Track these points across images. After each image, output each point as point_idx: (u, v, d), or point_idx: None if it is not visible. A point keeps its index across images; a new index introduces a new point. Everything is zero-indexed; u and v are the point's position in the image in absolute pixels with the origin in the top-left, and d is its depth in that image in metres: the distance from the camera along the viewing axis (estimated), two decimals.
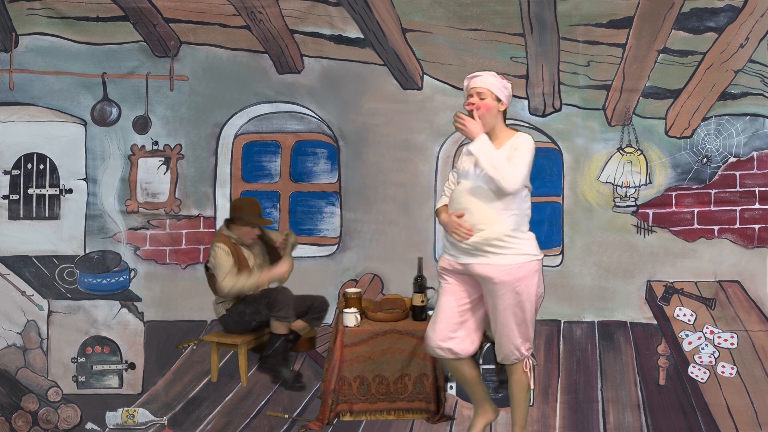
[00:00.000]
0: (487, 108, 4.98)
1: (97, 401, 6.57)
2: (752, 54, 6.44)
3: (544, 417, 6.36)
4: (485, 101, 4.98)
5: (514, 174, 4.84)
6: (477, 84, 5.01)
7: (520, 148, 4.91)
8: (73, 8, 6.59)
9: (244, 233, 6.29)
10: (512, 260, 4.94)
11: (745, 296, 6.51)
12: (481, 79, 5.01)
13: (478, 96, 4.99)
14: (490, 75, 5.04)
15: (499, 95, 5.01)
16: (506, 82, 5.06)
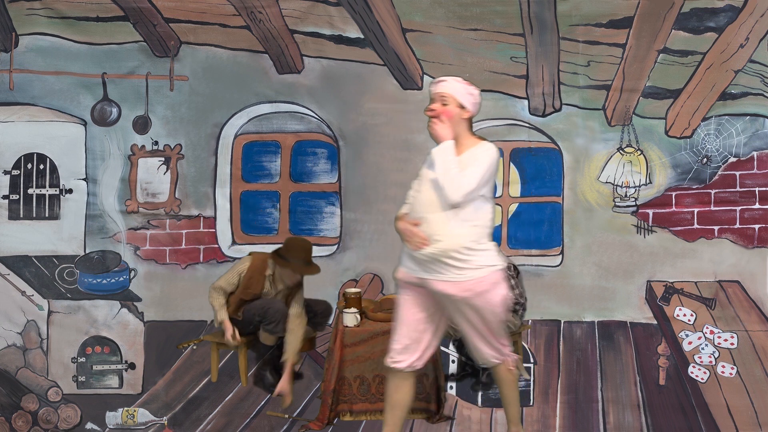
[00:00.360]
0: (449, 115, 4.76)
1: (97, 401, 6.57)
2: (752, 54, 6.44)
3: (544, 417, 6.36)
4: (447, 107, 4.76)
5: (461, 185, 4.63)
6: (440, 89, 4.79)
7: (478, 159, 4.69)
8: (73, 8, 6.59)
9: (285, 274, 6.12)
10: (471, 275, 4.71)
11: (745, 296, 6.50)
12: (446, 85, 4.79)
13: (441, 101, 4.77)
14: (455, 81, 4.82)
15: (463, 102, 4.78)
16: (472, 89, 4.84)
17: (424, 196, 4.78)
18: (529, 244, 6.71)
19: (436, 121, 4.77)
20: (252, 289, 6.16)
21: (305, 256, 6.10)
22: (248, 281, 6.14)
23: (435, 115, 4.77)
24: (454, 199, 4.64)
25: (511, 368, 5.06)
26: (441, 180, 4.67)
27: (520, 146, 6.72)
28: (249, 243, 6.77)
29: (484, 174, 4.71)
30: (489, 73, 6.61)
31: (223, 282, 6.16)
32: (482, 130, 6.68)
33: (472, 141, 4.81)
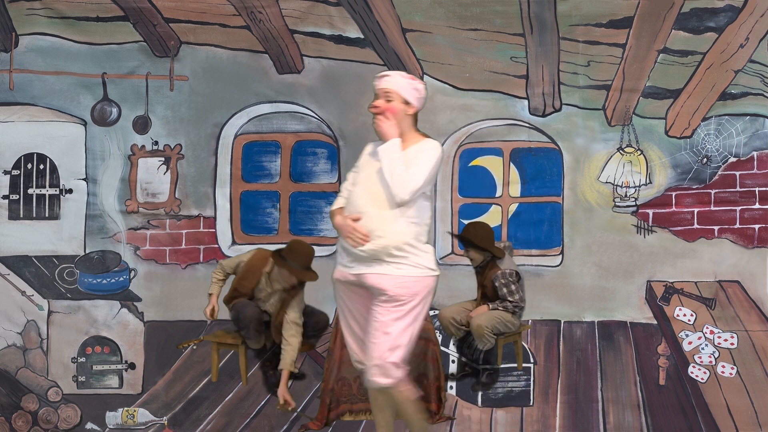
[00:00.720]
0: (393, 111, 4.59)
1: (97, 401, 6.57)
2: (752, 54, 6.44)
3: (544, 417, 6.36)
4: (391, 104, 4.59)
5: (408, 182, 4.46)
6: (384, 85, 4.61)
7: (421, 156, 4.56)
8: (73, 8, 6.59)
9: (282, 275, 6.11)
10: (410, 272, 4.52)
11: (745, 296, 6.50)
12: (390, 80, 4.63)
13: (385, 97, 4.59)
14: (399, 75, 4.69)
15: (408, 97, 4.62)
16: (417, 84, 4.68)
17: (365, 191, 4.59)
18: (529, 244, 6.71)
19: (381, 118, 4.59)
20: (247, 281, 6.16)
21: (305, 260, 6.07)
22: (245, 272, 6.16)
23: (379, 111, 4.60)
24: (402, 197, 4.47)
25: (404, 390, 4.61)
26: (387, 177, 4.49)
27: (520, 146, 6.72)
28: (249, 243, 6.76)
29: (431, 171, 4.56)
30: (489, 73, 6.61)
31: (226, 262, 6.26)
32: (482, 130, 6.70)
33: (417, 137, 4.68)
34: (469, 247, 6.16)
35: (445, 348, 6.41)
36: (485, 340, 6.03)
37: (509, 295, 6.09)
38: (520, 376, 6.46)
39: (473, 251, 6.16)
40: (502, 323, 6.09)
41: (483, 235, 6.16)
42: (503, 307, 6.08)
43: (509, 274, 6.12)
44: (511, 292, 6.09)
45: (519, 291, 6.14)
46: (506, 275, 6.10)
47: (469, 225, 6.30)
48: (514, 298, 6.11)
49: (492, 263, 6.16)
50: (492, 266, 6.15)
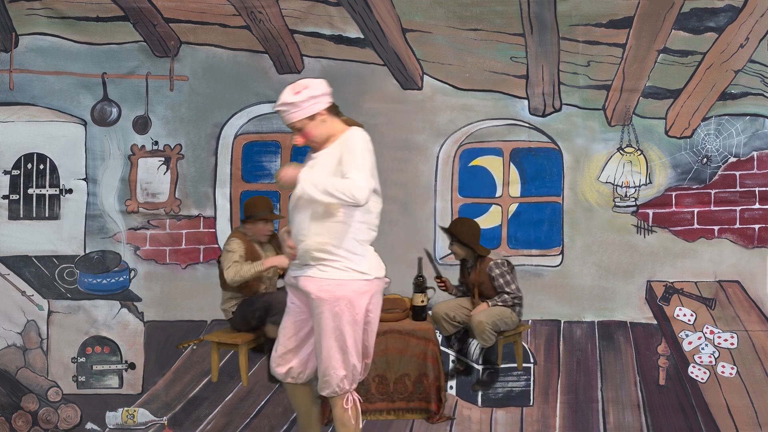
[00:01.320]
0: (311, 134, 4.52)
1: (97, 401, 6.57)
2: (752, 54, 6.44)
3: (544, 417, 6.36)
4: (305, 130, 4.52)
5: (355, 184, 4.34)
6: (288, 121, 4.52)
7: (351, 149, 4.44)
8: (73, 8, 6.59)
9: (258, 230, 6.32)
10: (332, 275, 4.47)
11: (745, 296, 6.50)
12: (287, 116, 4.50)
13: (297, 130, 4.53)
14: (288, 104, 4.48)
15: (311, 111, 4.49)
16: (306, 90, 4.49)
17: (292, 201, 4.58)
18: (529, 244, 6.71)
19: (311, 143, 4.55)
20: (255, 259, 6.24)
21: (264, 206, 6.30)
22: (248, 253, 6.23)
23: (302, 144, 4.56)
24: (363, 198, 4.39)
25: (347, 407, 4.57)
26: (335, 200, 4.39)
27: (520, 146, 6.72)
28: None
29: (369, 160, 4.46)
30: (489, 73, 6.61)
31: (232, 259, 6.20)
32: (482, 130, 6.70)
33: (340, 129, 4.57)
34: (454, 241, 6.20)
35: (446, 348, 6.41)
36: (486, 336, 6.03)
37: (506, 285, 6.09)
38: (520, 376, 6.46)
39: (456, 246, 6.22)
40: (502, 320, 6.10)
41: (468, 231, 6.20)
42: (502, 301, 6.09)
43: (502, 263, 6.15)
44: (508, 282, 6.12)
45: (514, 281, 6.18)
46: (500, 264, 6.13)
47: (456, 220, 6.36)
48: (511, 288, 6.13)
49: (481, 259, 6.18)
50: (482, 261, 6.16)
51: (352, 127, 4.58)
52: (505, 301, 6.11)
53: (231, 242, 6.29)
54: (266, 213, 6.34)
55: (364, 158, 4.44)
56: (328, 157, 4.53)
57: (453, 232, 6.24)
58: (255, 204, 6.37)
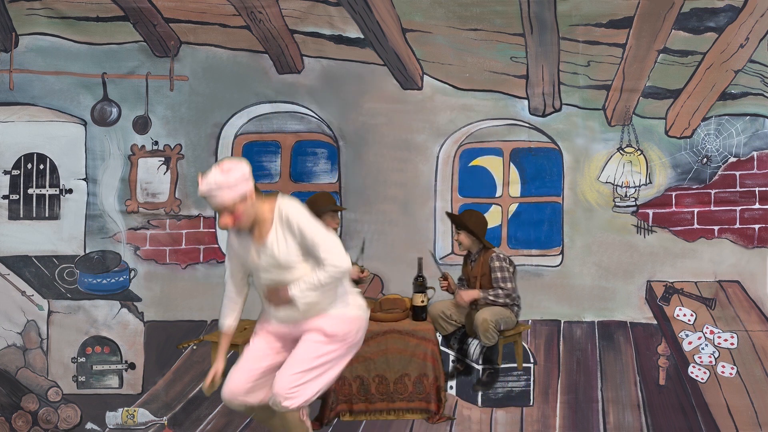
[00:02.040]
0: (241, 216, 4.45)
1: (97, 401, 6.57)
2: (752, 54, 6.44)
3: (544, 417, 6.36)
4: (238, 210, 4.44)
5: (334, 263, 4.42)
6: (218, 202, 4.44)
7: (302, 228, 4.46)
8: (73, 8, 6.59)
9: (326, 224, 6.20)
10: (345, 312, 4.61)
11: (745, 296, 6.50)
12: (221, 197, 4.43)
13: (227, 211, 4.44)
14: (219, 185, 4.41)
15: (242, 192, 4.43)
16: (236, 169, 4.44)
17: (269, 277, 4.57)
18: (529, 244, 6.71)
19: (238, 224, 4.49)
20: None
21: (328, 201, 6.26)
22: None
23: (230, 226, 4.49)
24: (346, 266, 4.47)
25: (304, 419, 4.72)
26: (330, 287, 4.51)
27: (520, 146, 6.72)
28: None
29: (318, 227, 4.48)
30: (489, 73, 6.61)
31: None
32: (482, 130, 6.70)
33: (268, 206, 4.53)
34: (462, 229, 6.18)
35: (446, 348, 6.41)
36: (490, 335, 6.02)
37: (502, 281, 6.07)
38: (520, 376, 6.46)
39: (464, 235, 6.19)
40: (503, 320, 6.10)
41: (476, 222, 6.19)
42: (494, 295, 6.06)
43: (504, 258, 6.13)
44: (505, 278, 6.09)
45: (512, 280, 6.14)
46: (502, 259, 6.11)
47: (466, 211, 6.33)
48: (506, 285, 6.10)
49: (485, 251, 6.17)
50: (486, 253, 6.15)
51: (277, 202, 4.54)
52: (497, 296, 6.07)
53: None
54: (332, 206, 6.27)
55: (317, 230, 4.47)
56: (280, 241, 4.50)
57: (461, 220, 6.22)
58: (318, 200, 6.27)
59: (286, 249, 4.49)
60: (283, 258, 4.49)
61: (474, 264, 6.27)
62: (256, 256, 4.55)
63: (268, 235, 4.51)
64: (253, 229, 4.55)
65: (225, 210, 4.44)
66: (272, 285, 4.56)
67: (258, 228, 4.54)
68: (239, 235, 4.62)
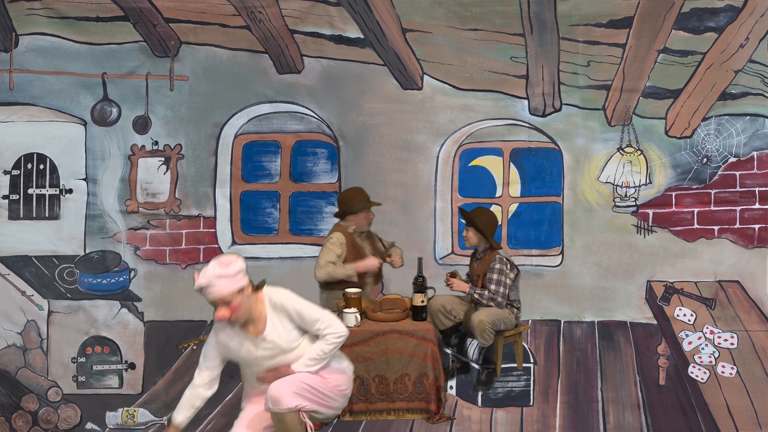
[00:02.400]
0: (238, 308, 4.48)
1: (97, 401, 6.57)
2: (752, 54, 6.44)
3: (544, 417, 6.36)
4: (235, 302, 4.46)
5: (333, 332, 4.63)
6: (216, 296, 4.44)
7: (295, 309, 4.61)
8: (73, 8, 6.59)
9: (361, 220, 6.24)
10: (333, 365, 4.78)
11: (745, 296, 6.51)
12: (215, 290, 4.43)
13: (223, 303, 4.46)
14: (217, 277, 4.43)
15: (239, 286, 4.46)
16: (235, 263, 4.49)
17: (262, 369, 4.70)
18: (529, 244, 6.71)
19: (235, 317, 4.52)
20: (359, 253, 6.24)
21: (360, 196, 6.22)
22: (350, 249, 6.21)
23: (227, 318, 4.50)
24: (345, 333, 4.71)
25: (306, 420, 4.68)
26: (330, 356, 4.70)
27: (520, 146, 6.72)
28: (249, 243, 6.77)
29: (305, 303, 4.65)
30: (489, 73, 6.61)
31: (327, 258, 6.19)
32: (482, 130, 6.70)
33: (259, 299, 4.61)
34: (470, 226, 6.16)
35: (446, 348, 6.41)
36: (487, 336, 6.02)
37: (495, 284, 6.03)
38: (520, 376, 6.46)
39: (472, 232, 6.16)
40: (501, 320, 6.09)
41: (485, 221, 6.16)
42: (479, 294, 6.04)
43: (506, 262, 6.09)
44: (498, 281, 6.04)
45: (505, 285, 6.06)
46: (504, 261, 6.07)
47: (478, 208, 6.30)
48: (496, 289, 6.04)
49: (491, 250, 6.15)
50: (491, 252, 6.13)
51: (265, 293, 4.64)
52: (481, 296, 6.04)
53: (332, 238, 6.21)
54: (366, 202, 6.23)
55: (311, 307, 4.67)
56: (279, 329, 4.62)
57: (471, 217, 6.20)
58: (352, 196, 6.24)
59: (287, 334, 4.63)
60: (285, 344, 4.63)
61: (479, 262, 6.26)
62: (254, 349, 4.64)
63: (265, 326, 4.60)
64: (246, 323, 4.59)
65: (222, 302, 4.45)
66: (272, 369, 4.67)
67: (253, 321, 4.60)
68: (230, 330, 4.63)
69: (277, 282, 6.67)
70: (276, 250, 6.80)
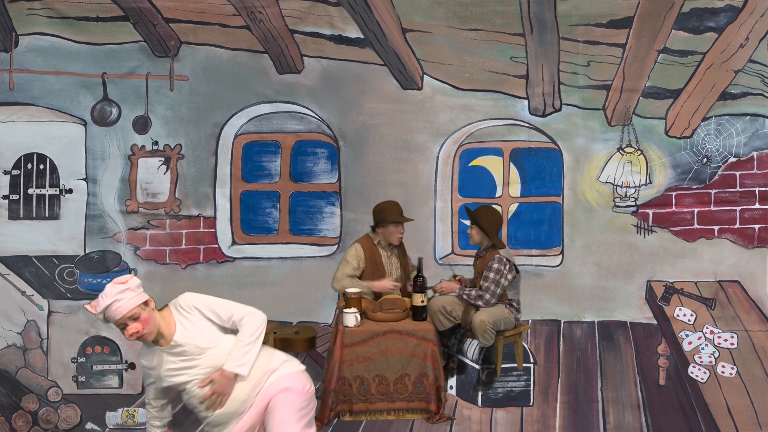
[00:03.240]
0: (148, 321, 4.40)
1: (97, 401, 6.57)
2: (752, 54, 6.44)
3: (544, 417, 6.36)
4: (143, 316, 4.38)
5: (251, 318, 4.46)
6: (121, 314, 4.35)
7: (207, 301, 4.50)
8: (73, 8, 6.59)
9: (390, 233, 6.28)
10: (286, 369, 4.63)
11: (745, 296, 6.51)
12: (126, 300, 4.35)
13: (130, 320, 4.37)
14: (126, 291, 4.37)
15: (141, 299, 4.39)
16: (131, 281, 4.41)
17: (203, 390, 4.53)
18: (529, 244, 6.71)
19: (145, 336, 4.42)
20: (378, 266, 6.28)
21: (394, 210, 6.28)
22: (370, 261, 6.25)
23: (140, 333, 4.40)
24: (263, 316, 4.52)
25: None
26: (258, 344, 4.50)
27: (520, 146, 6.72)
28: (249, 243, 6.77)
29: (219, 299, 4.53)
30: (489, 73, 6.61)
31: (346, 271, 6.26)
32: (482, 130, 6.70)
33: (167, 315, 4.50)
34: (474, 224, 6.17)
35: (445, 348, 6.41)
36: (488, 336, 6.02)
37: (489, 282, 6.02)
38: (520, 376, 6.46)
39: (475, 230, 6.18)
40: (501, 320, 6.09)
41: (489, 219, 6.18)
42: (467, 294, 6.05)
43: (505, 263, 6.08)
44: (492, 280, 6.02)
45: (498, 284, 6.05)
46: (503, 262, 6.06)
47: (483, 206, 6.32)
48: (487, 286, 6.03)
49: (492, 249, 6.15)
50: (493, 251, 6.13)
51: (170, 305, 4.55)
52: (469, 296, 6.05)
53: (351, 251, 6.31)
54: (397, 216, 6.29)
55: (220, 300, 4.52)
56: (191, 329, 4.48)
57: (474, 215, 6.21)
58: (385, 209, 6.32)
59: (199, 332, 4.47)
60: (201, 342, 4.46)
61: (480, 260, 6.26)
62: (172, 359, 4.48)
63: (175, 332, 4.46)
64: (158, 339, 4.47)
65: (130, 318, 4.37)
66: (207, 379, 4.48)
67: (163, 335, 4.47)
68: (148, 353, 4.55)
69: (277, 282, 6.72)
70: (276, 250, 6.80)
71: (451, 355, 6.41)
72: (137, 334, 4.39)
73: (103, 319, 4.43)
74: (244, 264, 6.75)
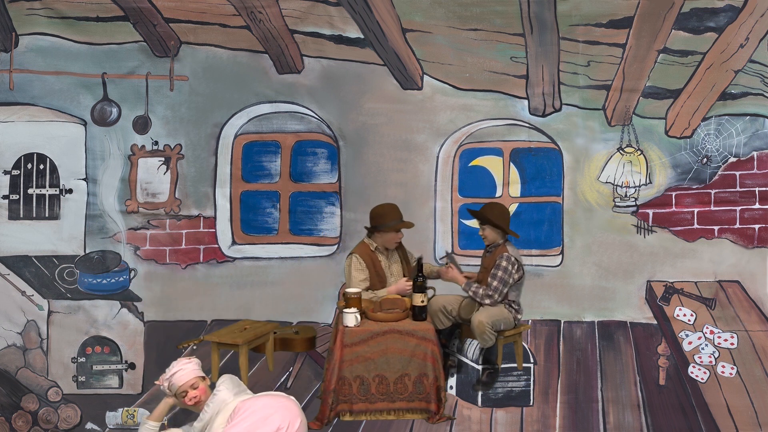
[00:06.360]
0: (205, 390, 5.18)
1: (97, 401, 6.57)
2: (752, 54, 6.44)
3: (544, 417, 6.36)
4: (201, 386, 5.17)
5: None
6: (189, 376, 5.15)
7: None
8: (73, 8, 6.60)
9: (389, 238, 6.22)
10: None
11: (745, 296, 6.51)
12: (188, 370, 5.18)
13: (192, 388, 5.16)
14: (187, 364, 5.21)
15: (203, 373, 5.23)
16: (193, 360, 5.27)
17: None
18: (529, 244, 6.71)
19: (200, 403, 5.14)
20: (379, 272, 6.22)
21: (394, 214, 6.19)
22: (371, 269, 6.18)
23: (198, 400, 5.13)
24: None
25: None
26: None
27: (520, 146, 6.72)
28: (249, 243, 6.77)
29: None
30: (489, 73, 6.61)
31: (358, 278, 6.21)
32: (482, 130, 6.71)
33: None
34: (486, 224, 6.14)
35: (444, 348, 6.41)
36: (487, 337, 6.02)
37: (497, 280, 6.02)
38: (520, 376, 6.46)
39: (489, 229, 6.15)
40: (500, 321, 6.08)
41: (499, 214, 6.16)
42: (473, 292, 6.04)
43: (514, 262, 6.07)
44: (500, 278, 6.02)
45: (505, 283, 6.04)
46: (511, 259, 6.05)
47: (487, 204, 6.29)
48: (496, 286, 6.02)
49: (503, 246, 6.13)
50: (503, 248, 6.12)
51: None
52: (475, 293, 6.04)
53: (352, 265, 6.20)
54: (396, 222, 6.20)
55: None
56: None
57: (483, 214, 6.18)
58: (385, 213, 6.21)
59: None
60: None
61: (488, 255, 6.23)
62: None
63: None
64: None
65: (191, 387, 5.14)
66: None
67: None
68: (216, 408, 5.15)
69: (278, 282, 6.72)
70: (276, 250, 6.80)
71: (450, 354, 6.41)
72: (195, 399, 5.12)
73: (168, 387, 5.15)
74: (244, 264, 6.75)
